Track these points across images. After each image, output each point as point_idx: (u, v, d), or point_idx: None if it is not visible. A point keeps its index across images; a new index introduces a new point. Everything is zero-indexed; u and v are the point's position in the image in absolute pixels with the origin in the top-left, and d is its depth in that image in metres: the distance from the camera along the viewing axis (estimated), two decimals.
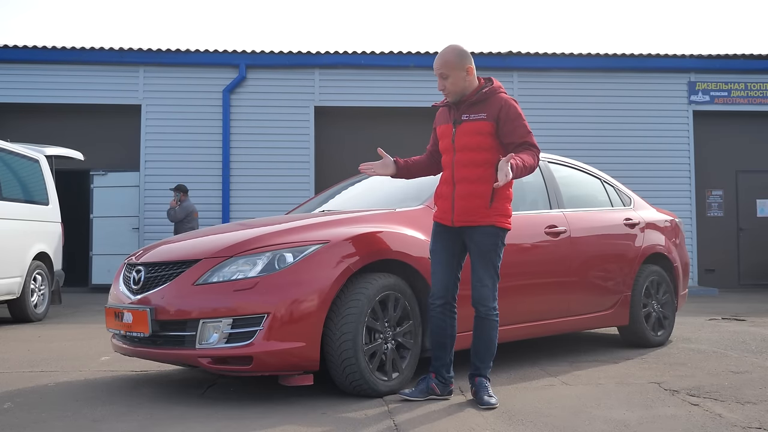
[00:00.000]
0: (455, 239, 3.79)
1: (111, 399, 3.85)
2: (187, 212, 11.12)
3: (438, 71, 3.69)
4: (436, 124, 3.92)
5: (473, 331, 3.81)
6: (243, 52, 13.22)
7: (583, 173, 5.84)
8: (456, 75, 3.67)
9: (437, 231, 3.83)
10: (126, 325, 3.85)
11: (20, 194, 8.26)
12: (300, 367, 3.64)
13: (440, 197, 3.81)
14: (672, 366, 4.78)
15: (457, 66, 3.67)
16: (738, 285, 14.05)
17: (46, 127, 13.23)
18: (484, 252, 3.68)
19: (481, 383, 3.71)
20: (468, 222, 3.68)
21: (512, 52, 13.57)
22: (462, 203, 3.67)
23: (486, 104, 3.68)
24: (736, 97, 13.86)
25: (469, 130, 3.69)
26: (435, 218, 3.85)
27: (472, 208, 3.65)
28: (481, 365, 3.75)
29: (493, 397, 3.66)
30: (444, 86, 3.71)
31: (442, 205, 3.78)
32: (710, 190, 14.23)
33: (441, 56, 3.70)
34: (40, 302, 8.39)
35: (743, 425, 3.23)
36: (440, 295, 3.76)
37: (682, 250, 6.21)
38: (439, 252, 3.79)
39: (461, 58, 3.68)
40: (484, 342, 3.73)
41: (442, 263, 3.78)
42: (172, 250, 4.10)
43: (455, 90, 3.69)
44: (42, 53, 13.03)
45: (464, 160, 3.69)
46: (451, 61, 3.68)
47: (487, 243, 3.67)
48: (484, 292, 3.69)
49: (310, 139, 13.29)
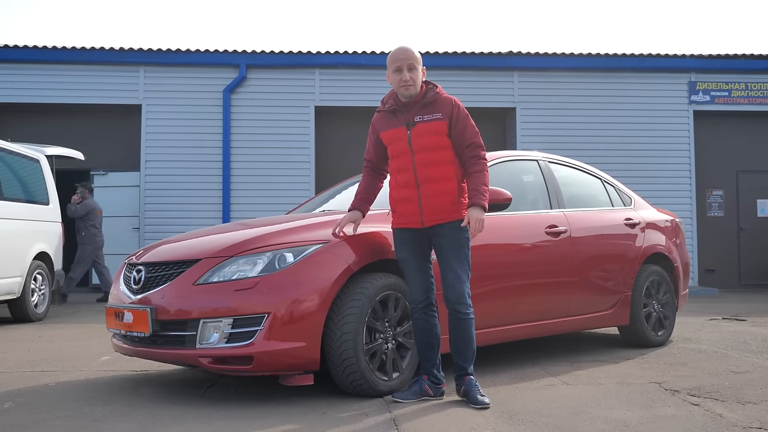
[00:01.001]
0: (422, 242, 3.80)
1: (111, 399, 3.85)
2: (87, 210, 10.94)
3: (407, 62, 3.71)
4: (380, 130, 3.88)
5: (451, 333, 3.77)
6: (243, 52, 13.21)
7: (583, 173, 5.84)
8: (419, 71, 3.75)
9: (403, 238, 3.81)
10: (126, 325, 3.85)
11: (21, 194, 8.26)
12: (300, 367, 3.64)
13: (402, 201, 3.78)
14: (672, 366, 4.77)
15: (420, 62, 3.76)
16: (738, 285, 14.04)
17: (46, 127, 13.23)
18: (458, 246, 3.70)
19: (471, 382, 3.71)
20: (438, 220, 3.70)
21: (512, 52, 13.56)
22: (430, 203, 3.70)
23: (437, 105, 3.74)
24: (736, 97, 13.85)
25: (426, 130, 3.72)
26: (397, 225, 3.84)
27: (441, 206, 3.69)
28: (466, 365, 3.75)
29: (485, 396, 3.67)
30: (410, 78, 3.70)
31: (406, 209, 3.77)
32: (711, 190, 14.23)
33: (407, 50, 3.75)
34: (40, 302, 8.39)
35: (744, 425, 3.23)
36: (421, 299, 3.77)
37: (682, 250, 6.20)
38: (409, 259, 3.79)
39: (420, 58, 3.79)
40: (466, 341, 3.73)
41: (415, 269, 3.78)
42: (173, 249, 4.10)
43: (416, 85, 3.73)
44: (42, 53, 13.02)
45: (426, 160, 3.71)
46: (417, 57, 3.77)
47: (459, 237, 3.70)
48: (461, 289, 3.69)
49: (311, 139, 13.28)
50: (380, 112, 3.91)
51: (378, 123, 3.91)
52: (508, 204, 4.24)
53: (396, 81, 3.74)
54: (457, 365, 3.77)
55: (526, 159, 5.35)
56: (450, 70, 13.31)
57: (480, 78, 13.56)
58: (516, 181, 5.07)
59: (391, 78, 3.77)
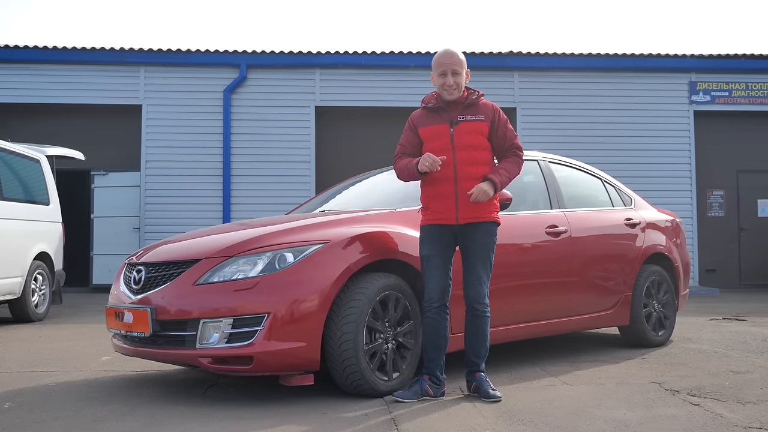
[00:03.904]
0: (450, 241, 3.83)
1: (111, 399, 3.85)
2: None
3: (452, 67, 3.78)
4: (420, 125, 3.90)
5: (467, 329, 3.87)
6: (244, 52, 13.22)
7: (583, 173, 5.83)
8: (463, 74, 3.82)
9: (432, 234, 3.82)
10: (126, 325, 3.85)
11: (21, 194, 8.26)
12: (300, 367, 3.64)
13: (437, 197, 3.80)
14: (673, 366, 4.77)
15: (464, 66, 3.84)
16: (739, 285, 14.04)
17: (46, 127, 13.23)
18: (485, 249, 3.80)
19: (482, 378, 3.80)
20: (474, 218, 3.76)
21: (512, 52, 13.56)
22: (468, 200, 3.73)
23: (479, 108, 3.84)
24: (737, 97, 13.85)
25: (469, 129, 3.79)
26: (429, 221, 3.84)
27: (477, 205, 3.75)
28: (479, 361, 3.85)
29: (497, 390, 3.76)
30: (454, 83, 3.78)
31: (441, 205, 3.78)
32: (711, 190, 14.23)
33: (452, 54, 3.82)
34: (40, 302, 8.39)
35: (744, 425, 3.23)
36: (437, 298, 3.78)
37: (682, 250, 6.20)
38: (434, 257, 3.80)
39: (465, 61, 3.86)
40: (480, 338, 3.84)
41: (439, 267, 3.79)
42: (173, 250, 4.10)
43: (459, 88, 3.80)
44: (43, 53, 13.03)
45: (468, 158, 3.77)
46: (462, 61, 3.84)
47: (488, 240, 3.81)
48: (482, 290, 3.81)
49: (311, 139, 13.28)
50: (421, 109, 3.94)
51: (418, 119, 3.93)
52: (508, 204, 4.25)
53: (440, 84, 3.82)
54: (470, 361, 3.85)
55: (527, 159, 5.32)
56: None
57: (480, 78, 13.52)
58: (516, 181, 5.05)
59: (436, 80, 3.85)
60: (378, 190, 5.28)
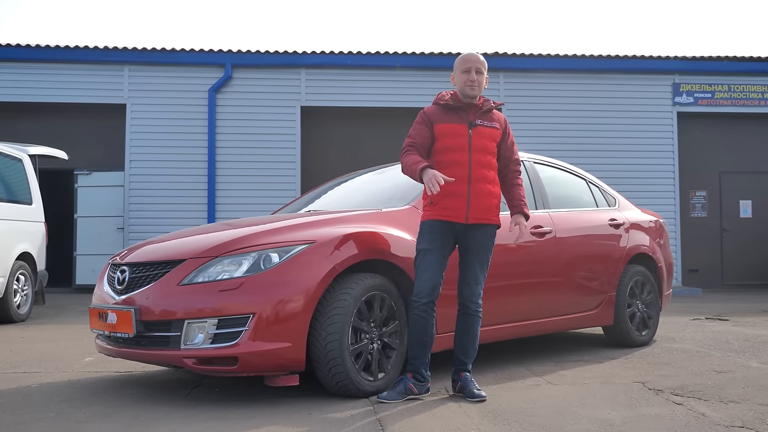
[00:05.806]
0: (451, 239, 3.85)
1: (95, 400, 3.82)
2: None
3: (476, 66, 3.89)
4: (436, 121, 3.90)
5: (458, 328, 3.90)
6: (229, 51, 13.16)
7: (568, 174, 5.86)
8: (484, 75, 3.93)
9: (436, 229, 3.82)
10: (110, 326, 3.82)
11: (3, 194, 8.18)
12: (286, 368, 3.63)
13: (449, 194, 3.78)
14: (656, 365, 4.81)
15: (486, 69, 3.96)
16: (721, 285, 14.16)
17: (29, 126, 13.10)
18: (485, 251, 3.89)
19: (467, 378, 3.83)
20: (482, 219, 3.83)
21: (498, 53, 13.60)
22: (479, 201, 3.80)
23: (493, 116, 3.97)
24: (719, 98, 13.98)
25: (485, 134, 3.89)
26: (436, 216, 3.82)
27: (488, 206, 3.85)
28: (467, 361, 3.88)
29: (482, 390, 3.79)
30: (477, 80, 3.86)
31: (453, 203, 3.79)
32: (694, 191, 14.34)
33: (478, 56, 3.98)
34: (23, 303, 8.31)
35: (726, 424, 3.26)
36: (426, 294, 3.77)
37: (666, 251, 6.24)
38: (433, 251, 3.79)
39: (487, 65, 4.00)
40: (471, 338, 3.88)
41: (435, 263, 3.79)
42: (157, 250, 4.07)
43: (481, 87, 3.89)
44: (25, 51, 12.91)
45: (482, 161, 3.85)
46: (485, 63, 3.97)
47: (489, 242, 3.90)
48: (477, 289, 3.87)
49: (296, 139, 13.25)
50: (437, 104, 3.96)
51: (434, 115, 3.93)
52: None
53: (463, 80, 3.88)
54: (458, 360, 3.89)
55: None
56: (434, 70, 13.32)
57: None
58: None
59: (458, 78, 3.91)
60: (364, 190, 5.28)
